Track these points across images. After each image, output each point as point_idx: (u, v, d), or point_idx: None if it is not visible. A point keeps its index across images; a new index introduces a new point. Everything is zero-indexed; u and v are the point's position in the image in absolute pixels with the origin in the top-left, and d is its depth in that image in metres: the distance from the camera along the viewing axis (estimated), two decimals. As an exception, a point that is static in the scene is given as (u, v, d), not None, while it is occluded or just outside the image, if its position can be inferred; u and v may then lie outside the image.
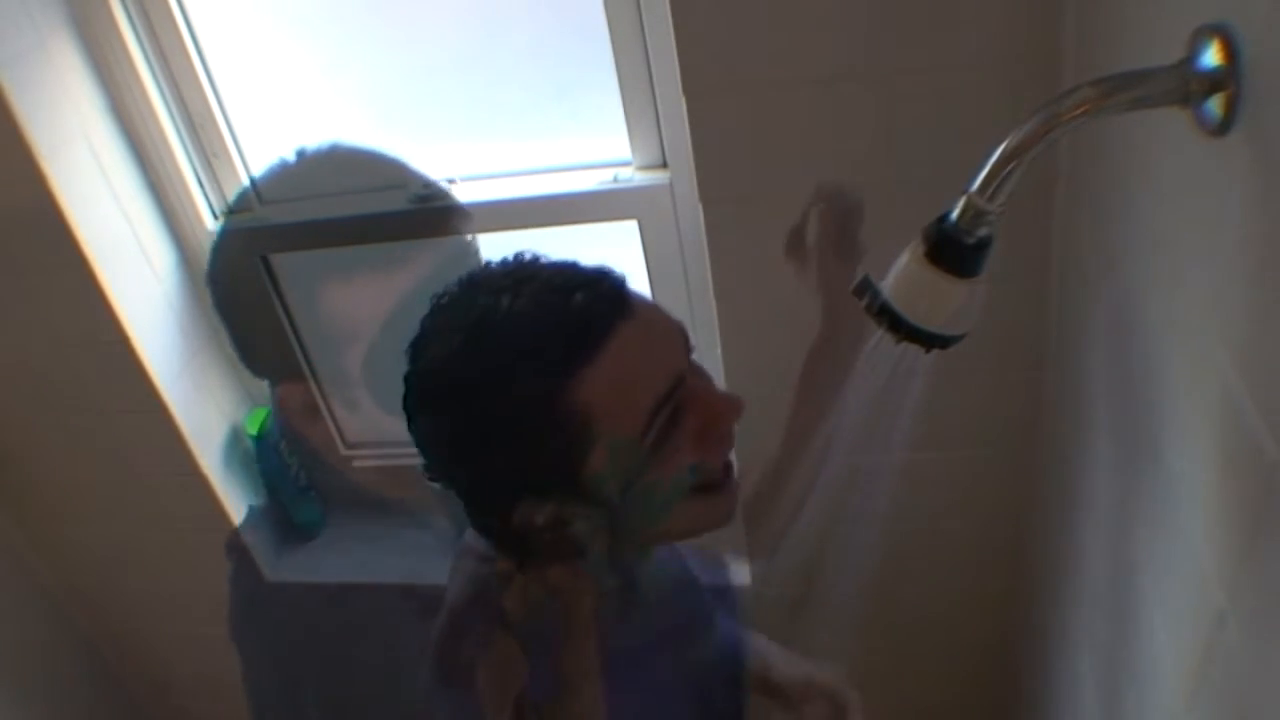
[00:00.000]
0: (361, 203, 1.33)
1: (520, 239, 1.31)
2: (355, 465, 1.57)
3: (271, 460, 1.54)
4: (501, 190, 1.30)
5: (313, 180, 1.35)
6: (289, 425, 1.53)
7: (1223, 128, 0.51)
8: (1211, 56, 0.51)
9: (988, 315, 0.62)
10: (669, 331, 0.78)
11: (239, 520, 1.52)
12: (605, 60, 1.16)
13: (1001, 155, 0.55)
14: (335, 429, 1.56)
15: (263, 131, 1.36)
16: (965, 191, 0.57)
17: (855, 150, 1.02)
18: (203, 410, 1.46)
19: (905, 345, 0.62)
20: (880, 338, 0.63)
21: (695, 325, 1.33)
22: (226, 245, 1.38)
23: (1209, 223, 0.59)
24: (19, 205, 1.23)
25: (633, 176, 1.24)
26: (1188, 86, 0.52)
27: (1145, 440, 0.76)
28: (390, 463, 1.49)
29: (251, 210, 1.39)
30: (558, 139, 1.29)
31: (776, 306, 1.01)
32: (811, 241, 0.96)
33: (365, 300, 1.31)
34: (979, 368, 1.03)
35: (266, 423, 1.54)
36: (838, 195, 0.95)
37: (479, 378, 0.73)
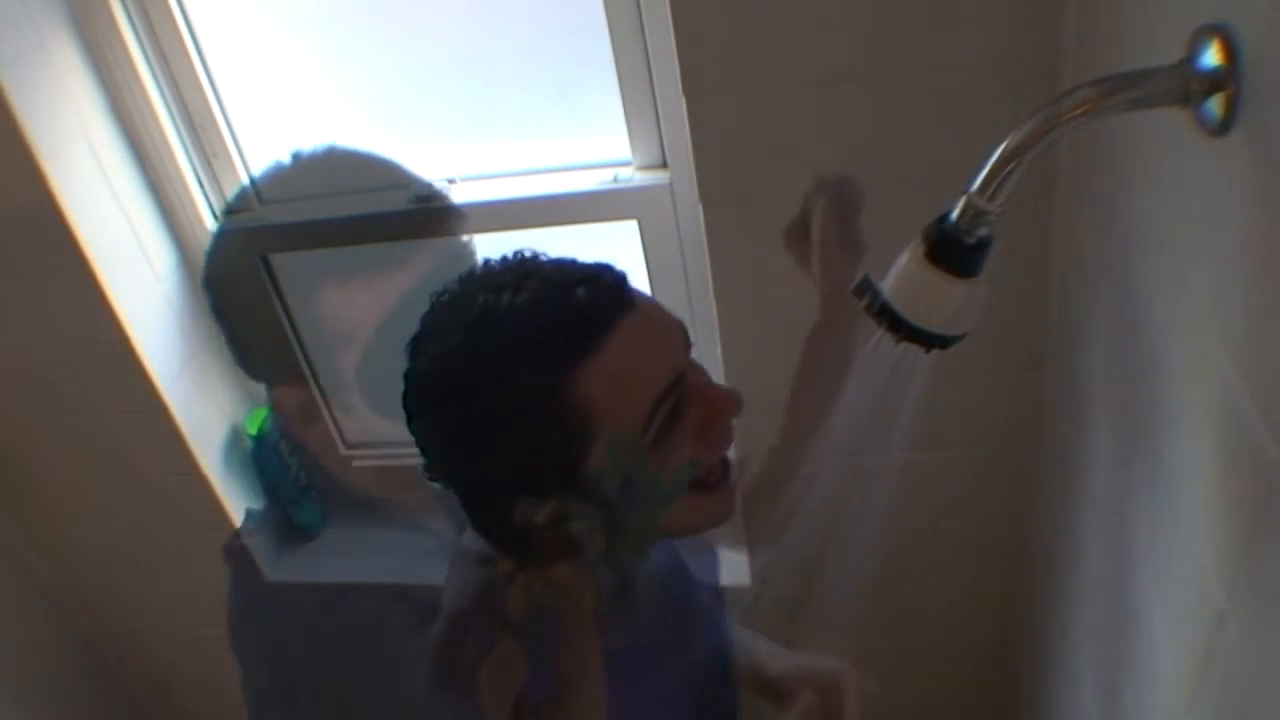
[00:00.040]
0: (360, 203, 1.33)
1: (520, 239, 1.31)
2: (355, 465, 1.58)
3: (271, 460, 1.54)
4: (501, 190, 1.30)
5: (310, 182, 1.36)
6: (285, 428, 1.54)
7: (1223, 128, 0.51)
8: (1211, 56, 0.51)
9: (988, 315, 0.62)
10: (670, 327, 0.78)
11: (239, 520, 1.52)
12: (605, 60, 1.16)
13: (1001, 155, 0.55)
14: (335, 429, 1.56)
15: (263, 131, 1.36)
16: (965, 191, 0.57)
17: (855, 150, 1.02)
18: (203, 410, 1.46)
19: (905, 345, 0.62)
20: (880, 338, 0.63)
21: (695, 325, 1.33)
22: (222, 247, 1.38)
23: (1209, 223, 0.59)
24: (19, 205, 1.23)
25: (633, 176, 1.24)
26: (1188, 86, 0.52)
27: (1145, 440, 0.76)
28: (389, 463, 1.49)
29: (251, 210, 1.39)
30: (558, 139, 1.29)
31: (776, 306, 1.01)
32: (812, 232, 0.96)
33: (360, 303, 1.31)
34: (979, 368, 1.03)
35: (266, 423, 1.54)
36: (836, 185, 0.95)
37: (481, 373, 0.72)
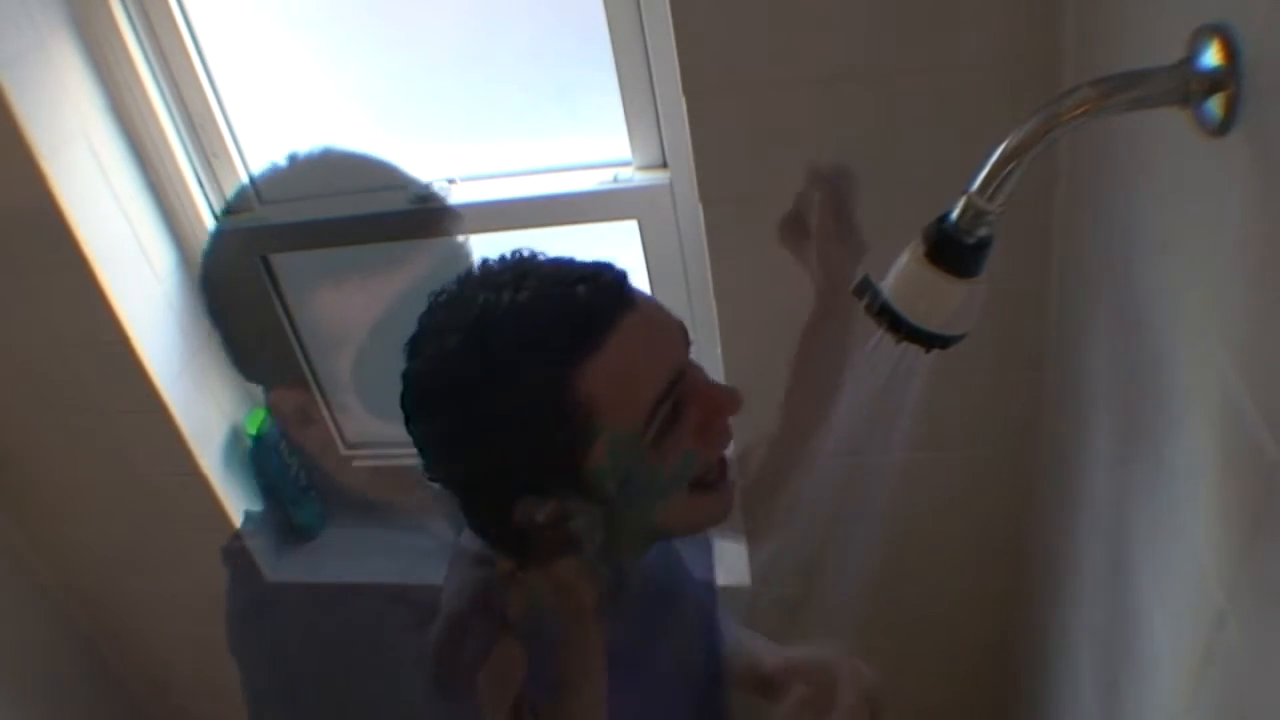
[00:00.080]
0: (359, 204, 1.33)
1: (520, 239, 1.30)
2: (355, 465, 1.58)
3: (271, 460, 1.54)
4: (501, 190, 1.30)
5: (307, 183, 1.36)
6: (281, 430, 1.54)
7: (1223, 128, 0.51)
8: (1211, 56, 0.51)
9: (988, 315, 0.62)
10: (670, 326, 0.78)
11: (239, 521, 1.52)
12: (605, 60, 1.16)
13: (1001, 155, 0.55)
14: (335, 429, 1.56)
15: (263, 131, 1.36)
16: (965, 191, 0.57)
17: (855, 151, 1.02)
18: (203, 410, 1.46)
19: (905, 345, 0.62)
20: (880, 338, 0.63)
21: (695, 325, 1.33)
22: (218, 247, 1.39)
23: (1209, 223, 0.59)
24: (19, 205, 1.23)
25: (633, 176, 1.24)
26: (1188, 86, 0.52)
27: (1145, 440, 0.76)
28: (389, 463, 1.49)
29: (251, 210, 1.39)
30: (558, 139, 1.29)
31: (776, 306, 1.01)
32: (808, 225, 0.96)
33: (356, 303, 1.31)
34: (979, 368, 1.03)
35: (266, 423, 1.54)
36: (832, 177, 0.94)
37: (482, 372, 0.72)
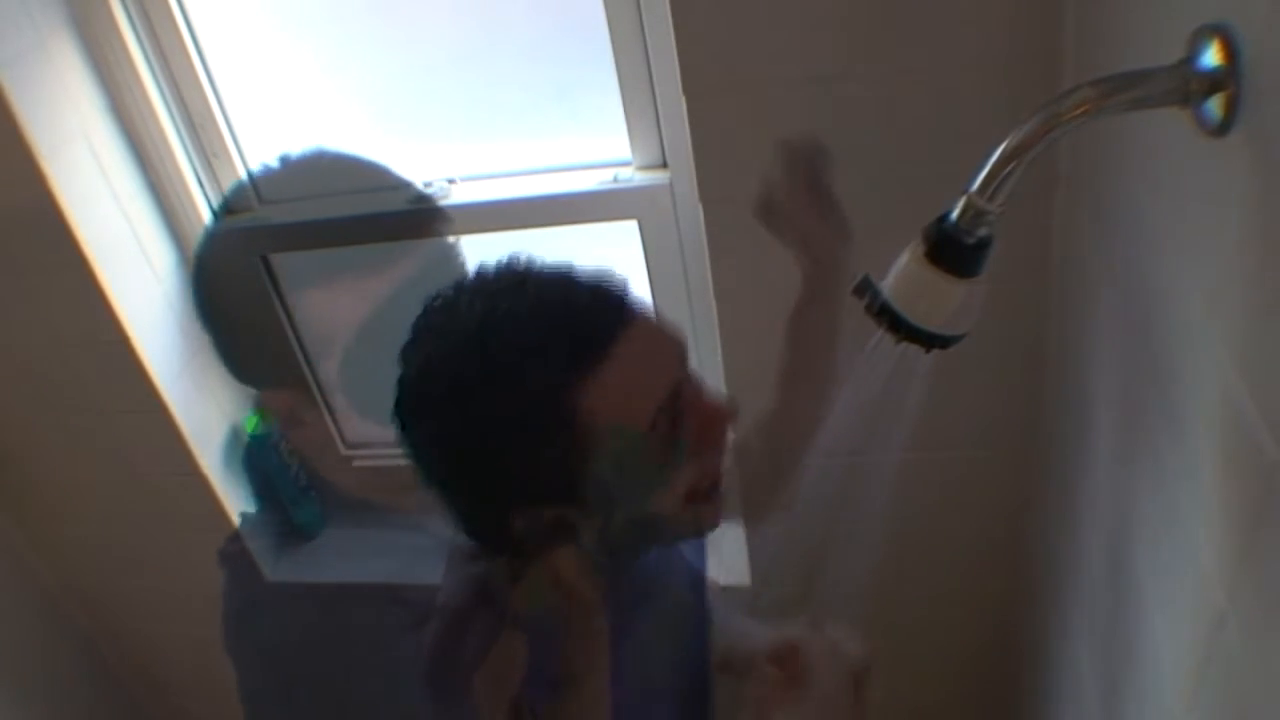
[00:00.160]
0: (356, 204, 1.33)
1: (520, 239, 1.32)
2: (355, 465, 1.58)
3: (271, 460, 1.54)
4: (501, 190, 1.30)
5: (300, 184, 1.36)
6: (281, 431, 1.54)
7: (1223, 128, 0.51)
8: (1211, 56, 0.51)
9: (988, 315, 0.62)
10: (668, 339, 0.77)
11: (239, 521, 1.52)
12: (605, 60, 1.16)
13: (1001, 155, 0.55)
14: (335, 430, 1.56)
15: (263, 131, 1.36)
16: (965, 191, 0.57)
17: (855, 151, 1.01)
18: (203, 410, 1.46)
19: (905, 345, 0.62)
20: (880, 338, 0.63)
21: (695, 325, 1.33)
22: (211, 248, 1.39)
23: (1209, 223, 0.59)
24: (19, 205, 1.23)
25: (633, 176, 1.24)
26: (1188, 86, 0.52)
27: (1145, 440, 0.76)
28: (389, 463, 1.49)
29: (250, 210, 1.39)
30: (558, 139, 1.29)
31: (776, 306, 1.00)
32: (785, 201, 0.95)
33: (346, 304, 1.31)
34: (979, 368, 1.03)
35: (260, 424, 1.54)
36: (803, 151, 0.94)
37: (480, 387, 0.72)
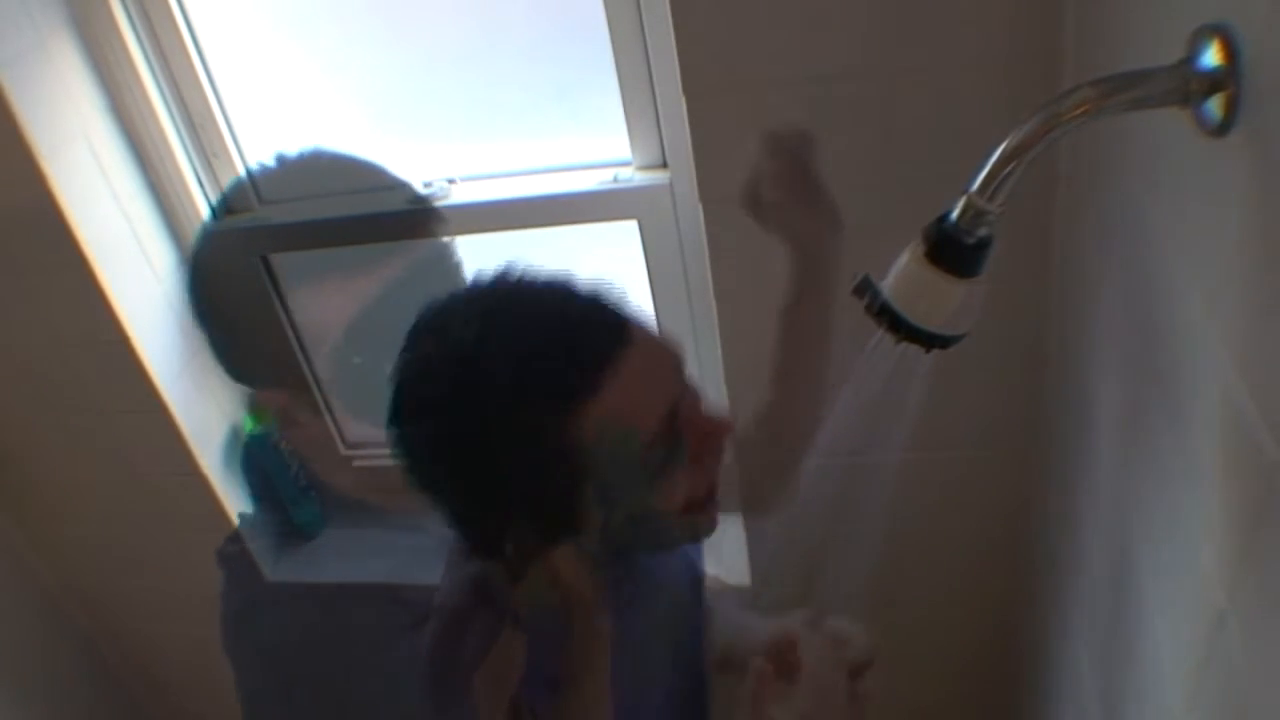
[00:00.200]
0: (355, 204, 1.33)
1: (520, 239, 1.32)
2: (355, 465, 1.58)
3: (271, 460, 1.54)
4: (501, 190, 1.30)
5: (297, 184, 1.36)
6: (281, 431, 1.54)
7: (1223, 128, 0.51)
8: (1211, 56, 0.51)
9: (988, 315, 0.62)
10: (666, 357, 0.77)
11: (238, 521, 1.52)
12: (605, 60, 1.16)
13: (1001, 155, 0.55)
14: (335, 430, 1.56)
15: (262, 131, 1.36)
16: (965, 191, 0.57)
17: (855, 150, 1.02)
18: (203, 410, 1.46)
19: (905, 345, 0.62)
20: (880, 338, 0.63)
21: (695, 325, 1.33)
22: (207, 248, 1.39)
23: (1209, 223, 0.59)
24: (19, 205, 1.23)
25: (633, 176, 1.24)
26: (1188, 86, 0.52)
27: (1145, 440, 0.76)
28: (390, 463, 1.49)
29: (251, 210, 1.39)
30: (558, 139, 1.29)
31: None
32: (772, 191, 0.95)
33: (340, 304, 1.31)
34: (979, 368, 1.03)
35: (258, 424, 1.54)
36: (787, 138, 0.93)
37: (477, 410, 0.71)
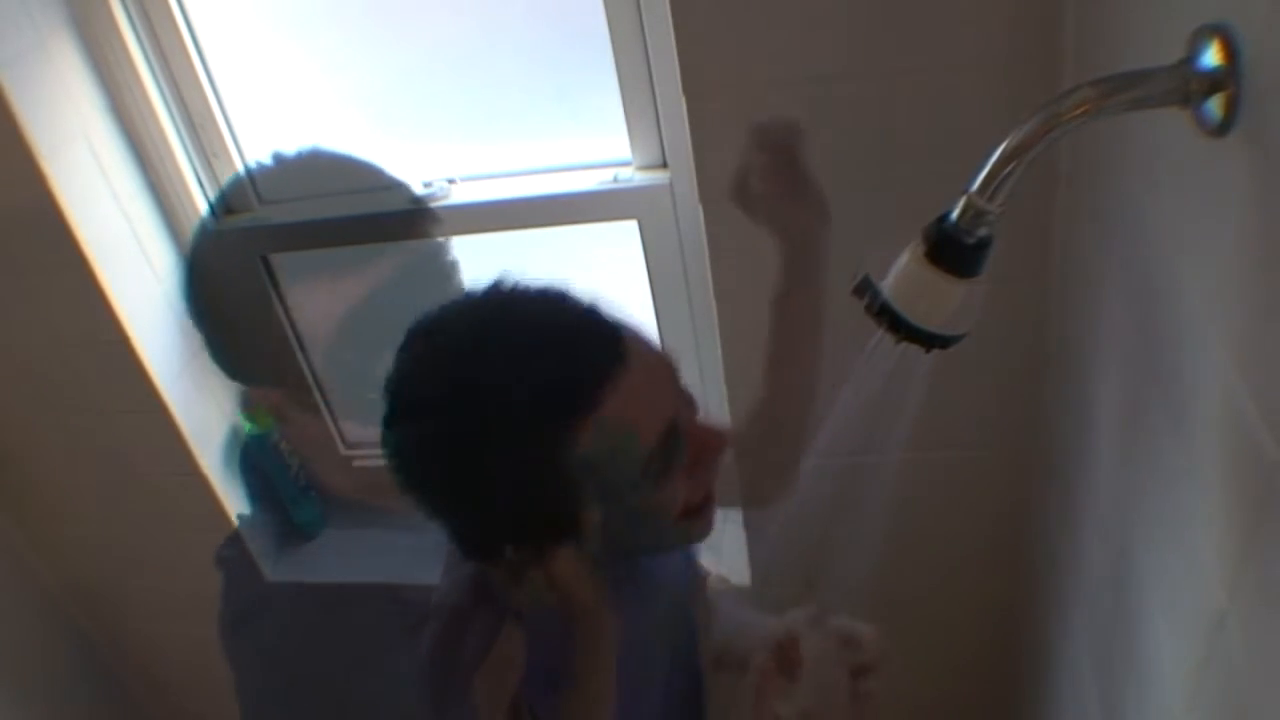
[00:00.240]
0: (354, 204, 1.33)
1: (520, 239, 1.32)
2: (355, 465, 1.58)
3: (271, 460, 1.54)
4: (502, 190, 1.30)
5: (294, 183, 1.36)
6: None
7: (1223, 128, 0.51)
8: (1211, 56, 0.51)
9: (988, 315, 0.62)
10: (661, 372, 0.77)
11: (236, 521, 1.52)
12: (605, 60, 1.16)
13: (1001, 155, 0.55)
14: (335, 430, 1.56)
15: (262, 132, 1.36)
16: (965, 191, 0.57)
17: (855, 150, 1.02)
18: (203, 410, 1.46)
19: (905, 345, 0.62)
20: (880, 338, 0.63)
21: (695, 325, 1.33)
22: (205, 246, 1.39)
23: (1209, 223, 0.59)
24: (19, 205, 1.23)
25: (633, 176, 1.24)
26: (1188, 86, 0.52)
27: (1145, 440, 0.76)
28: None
29: (251, 210, 1.39)
30: (558, 139, 1.29)
31: (776, 306, 1.00)
32: (761, 183, 0.94)
33: (330, 303, 1.32)
34: (979, 368, 1.03)
35: (255, 425, 1.54)
36: (774, 129, 0.92)
37: (474, 424, 0.71)
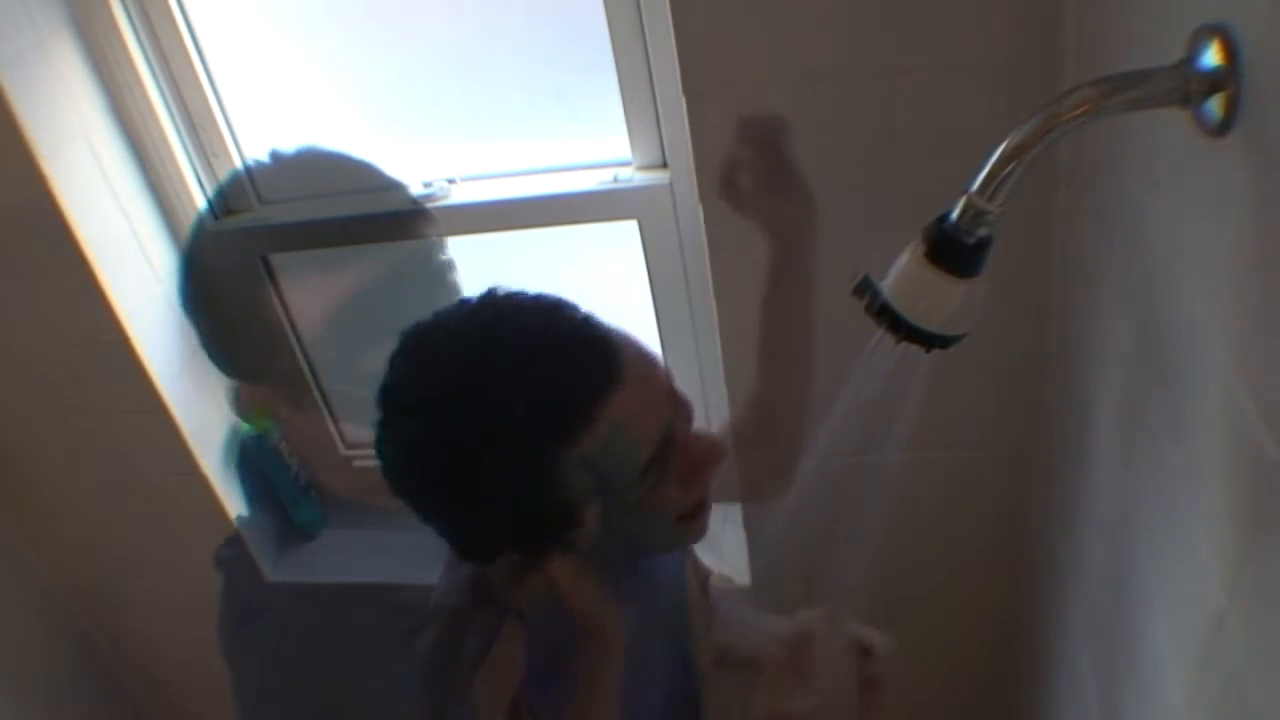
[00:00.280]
0: (352, 204, 1.33)
1: (520, 239, 1.32)
2: (355, 465, 1.58)
3: (270, 460, 1.54)
4: (502, 190, 1.30)
5: (291, 182, 1.36)
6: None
7: (1223, 128, 0.51)
8: (1211, 56, 0.51)
9: (988, 315, 0.62)
10: (655, 381, 0.77)
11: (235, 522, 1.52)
12: (605, 61, 1.16)
13: (1001, 155, 0.55)
14: (335, 430, 1.56)
15: (262, 132, 1.36)
16: (965, 191, 0.57)
17: (855, 150, 1.02)
18: (203, 410, 1.46)
19: (905, 345, 0.62)
20: (880, 338, 0.63)
21: (695, 325, 1.33)
22: (202, 243, 1.39)
23: (1209, 223, 0.59)
24: (19, 205, 1.23)
25: (633, 176, 1.24)
26: (1188, 86, 0.52)
27: (1145, 440, 0.76)
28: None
29: (251, 210, 1.39)
30: (558, 139, 1.29)
31: (776, 306, 1.00)
32: (747, 176, 0.94)
33: (324, 304, 1.32)
34: (979, 368, 1.03)
35: (252, 425, 1.54)
36: (760, 122, 0.92)
37: (464, 437, 0.71)
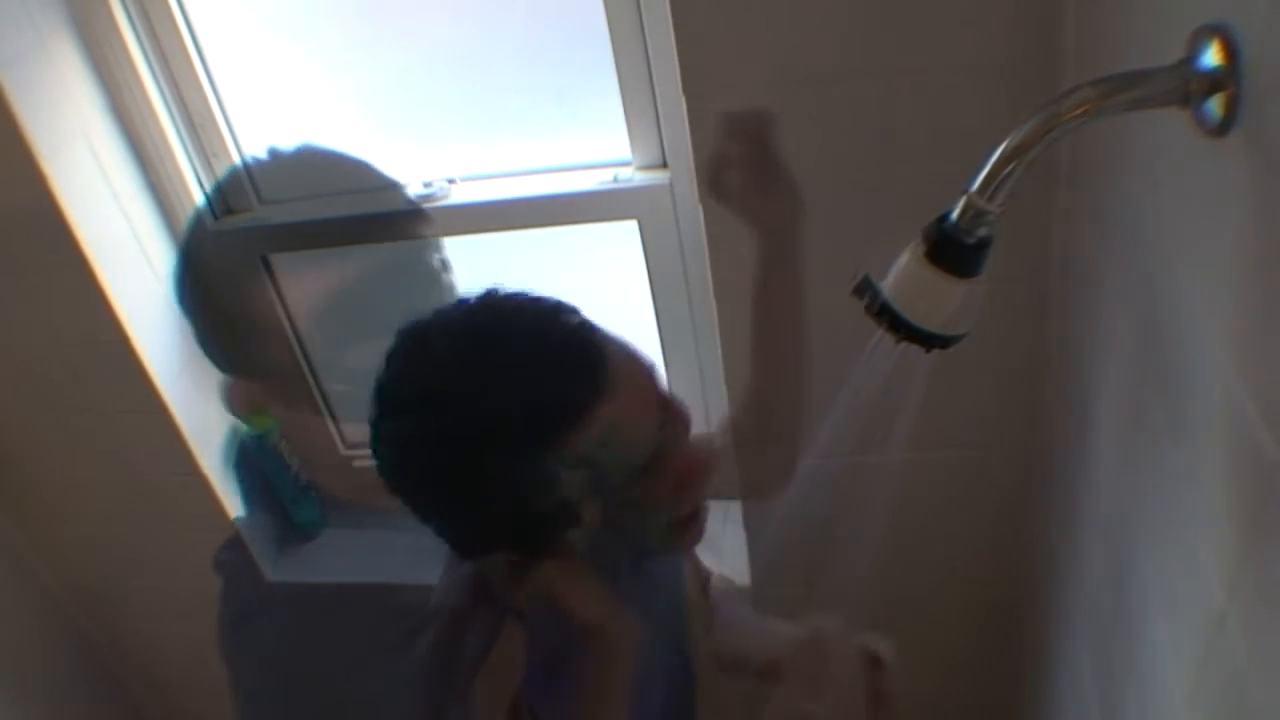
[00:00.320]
0: (352, 204, 1.33)
1: (520, 239, 1.32)
2: (355, 465, 1.58)
3: (270, 460, 1.53)
4: (501, 190, 1.30)
5: (289, 181, 1.36)
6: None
7: (1223, 128, 0.51)
8: (1211, 56, 0.51)
9: (988, 315, 0.62)
10: (643, 383, 0.77)
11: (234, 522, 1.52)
12: (605, 61, 1.16)
13: (1001, 155, 0.55)
14: (335, 429, 1.56)
15: (262, 132, 1.36)
16: (965, 191, 0.57)
17: (855, 150, 1.02)
18: (203, 410, 1.46)
19: (905, 345, 0.62)
20: (880, 338, 0.63)
21: (695, 325, 1.33)
22: (199, 239, 1.39)
23: (1209, 223, 0.59)
24: (19, 205, 1.23)
25: (633, 176, 1.24)
26: (1188, 86, 0.52)
27: (1145, 440, 0.76)
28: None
29: (251, 210, 1.39)
30: (558, 139, 1.29)
31: (776, 306, 1.00)
32: (733, 172, 0.94)
33: (324, 304, 1.32)
34: (979, 368, 1.03)
35: (251, 425, 1.53)
36: (745, 118, 0.92)
37: (458, 437, 0.71)
